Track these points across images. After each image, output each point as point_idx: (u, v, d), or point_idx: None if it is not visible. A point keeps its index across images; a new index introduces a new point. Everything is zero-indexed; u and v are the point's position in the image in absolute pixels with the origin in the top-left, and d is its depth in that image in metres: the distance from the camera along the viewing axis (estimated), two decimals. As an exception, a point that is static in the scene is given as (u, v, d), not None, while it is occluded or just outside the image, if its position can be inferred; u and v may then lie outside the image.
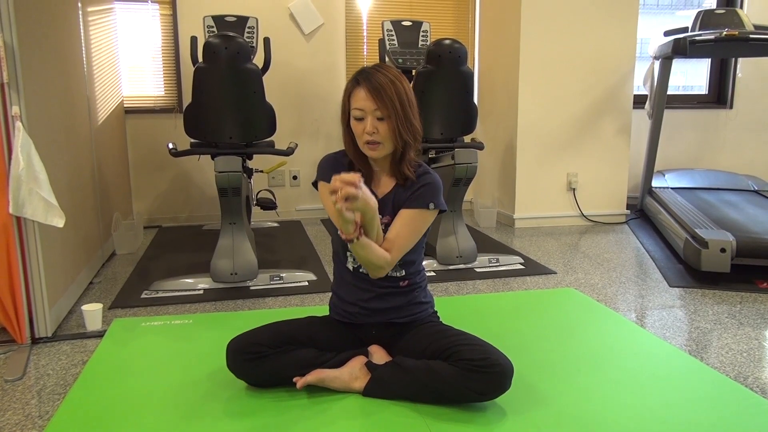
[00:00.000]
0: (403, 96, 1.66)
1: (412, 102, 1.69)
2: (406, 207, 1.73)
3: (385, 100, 1.63)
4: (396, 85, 1.65)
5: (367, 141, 1.67)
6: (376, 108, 1.64)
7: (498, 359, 1.59)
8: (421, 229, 1.76)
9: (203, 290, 2.79)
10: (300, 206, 4.56)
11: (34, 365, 2.01)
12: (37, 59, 2.30)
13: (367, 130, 1.65)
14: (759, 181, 4.53)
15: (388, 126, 1.65)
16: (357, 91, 1.66)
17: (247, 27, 3.70)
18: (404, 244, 1.72)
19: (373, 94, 1.63)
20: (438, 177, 1.78)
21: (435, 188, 1.75)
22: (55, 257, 2.36)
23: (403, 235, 1.71)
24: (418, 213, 1.72)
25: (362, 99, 1.65)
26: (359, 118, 1.67)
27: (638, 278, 2.99)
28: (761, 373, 1.92)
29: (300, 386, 1.69)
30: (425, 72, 2.96)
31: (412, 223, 1.72)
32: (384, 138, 1.67)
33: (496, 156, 4.44)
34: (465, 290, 2.81)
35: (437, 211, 1.75)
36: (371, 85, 1.63)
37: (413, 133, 1.70)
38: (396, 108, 1.64)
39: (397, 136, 1.66)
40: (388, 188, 1.77)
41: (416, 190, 1.73)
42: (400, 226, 1.72)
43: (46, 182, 2.07)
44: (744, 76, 4.99)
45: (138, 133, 4.21)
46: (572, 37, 4.07)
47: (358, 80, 1.67)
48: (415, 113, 1.69)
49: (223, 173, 2.71)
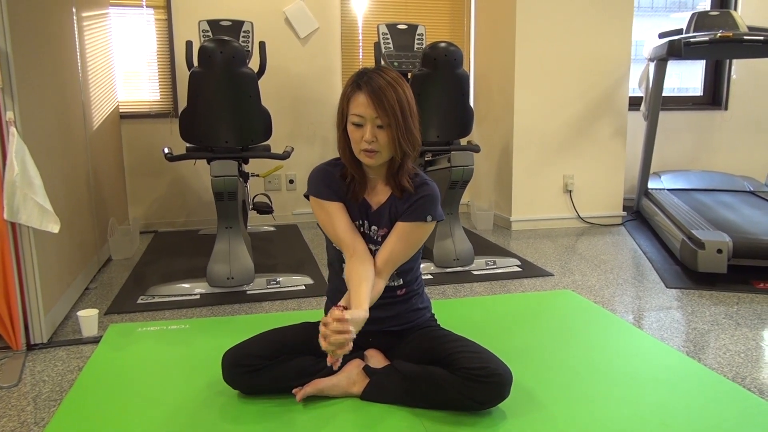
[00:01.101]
0: (405, 103, 1.60)
1: (413, 110, 1.63)
2: (402, 220, 1.70)
3: (386, 107, 1.56)
4: (397, 91, 1.59)
5: (365, 149, 1.62)
6: (377, 116, 1.58)
7: (497, 368, 1.57)
8: (417, 243, 1.73)
9: (200, 295, 2.78)
10: (296, 210, 4.55)
11: (30, 371, 2.00)
12: (31, 64, 2.29)
13: (366, 138, 1.59)
14: (754, 182, 4.55)
15: (387, 135, 1.59)
16: (357, 96, 1.60)
17: (243, 31, 3.70)
18: (399, 260, 1.71)
19: (374, 101, 1.57)
20: (436, 187, 1.74)
21: (433, 200, 1.71)
22: (50, 263, 2.35)
23: (398, 251, 1.69)
24: (415, 226, 1.69)
25: (362, 105, 1.58)
26: (358, 124, 1.60)
27: (635, 280, 2.99)
28: (759, 374, 1.92)
29: (299, 399, 1.68)
30: (421, 75, 2.97)
31: (408, 237, 1.70)
32: (382, 147, 1.61)
33: (493, 159, 4.44)
34: (462, 293, 2.80)
35: (435, 223, 1.73)
36: (372, 91, 1.57)
37: (413, 143, 1.64)
38: (397, 117, 1.58)
39: (397, 146, 1.60)
40: (383, 197, 1.73)
41: (414, 203, 1.69)
42: (395, 241, 1.69)
43: (41, 188, 2.06)
44: (738, 78, 5.01)
45: (133, 138, 4.20)
46: (568, 39, 4.08)
47: (359, 84, 1.60)
48: (415, 122, 1.64)
49: (219, 177, 2.71)
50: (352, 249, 1.68)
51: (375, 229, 1.73)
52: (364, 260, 1.67)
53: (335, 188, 1.72)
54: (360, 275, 1.63)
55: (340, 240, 1.71)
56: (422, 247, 1.82)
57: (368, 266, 1.66)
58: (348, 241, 1.69)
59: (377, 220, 1.72)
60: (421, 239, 1.74)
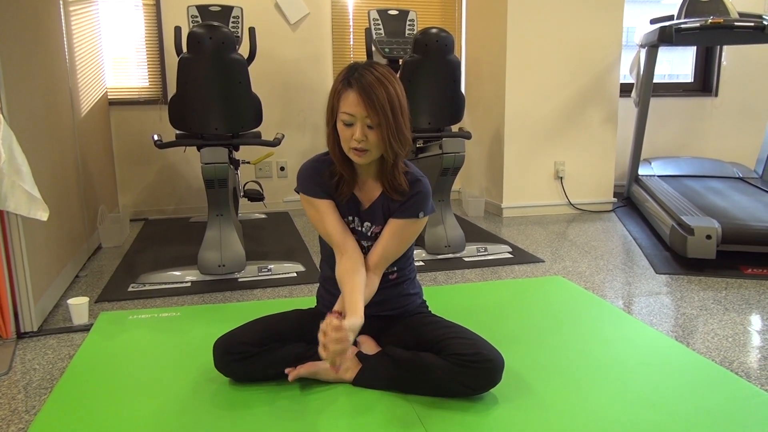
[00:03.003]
0: (395, 102, 1.57)
1: (404, 108, 1.60)
2: (395, 217, 1.71)
3: (376, 107, 1.53)
4: (388, 90, 1.56)
5: (355, 147, 1.59)
6: (367, 116, 1.55)
7: (489, 354, 1.58)
8: (410, 239, 1.75)
9: (191, 282, 2.77)
10: (287, 197, 4.54)
11: (20, 360, 1.99)
12: (17, 51, 2.26)
13: (356, 137, 1.56)
14: (744, 169, 4.57)
15: (377, 135, 1.57)
16: (347, 94, 1.56)
17: (232, 17, 3.66)
18: (392, 256, 1.73)
19: (364, 100, 1.54)
20: (428, 181, 1.74)
21: (425, 196, 1.71)
22: (39, 251, 2.34)
23: (391, 247, 1.71)
24: (409, 223, 1.70)
25: (353, 104, 1.55)
26: (348, 123, 1.58)
27: (625, 266, 3.01)
28: (746, 358, 1.94)
29: (292, 378, 1.68)
30: (412, 61, 2.95)
31: (401, 234, 1.71)
32: (372, 146, 1.59)
33: (484, 145, 4.44)
34: (454, 279, 2.81)
35: (426, 219, 1.74)
36: (363, 89, 1.54)
37: (403, 143, 1.62)
38: (387, 117, 1.55)
39: (387, 146, 1.59)
40: (374, 194, 1.72)
41: (407, 200, 1.70)
42: (389, 238, 1.70)
43: (29, 175, 2.04)
44: (729, 64, 5.02)
45: (123, 124, 4.16)
46: (559, 25, 4.07)
47: (349, 82, 1.57)
48: (406, 121, 1.62)
49: (209, 165, 2.69)
50: (342, 247, 1.69)
51: (368, 226, 1.73)
52: (355, 260, 1.67)
53: (324, 185, 1.71)
54: (353, 280, 1.63)
55: (330, 237, 1.71)
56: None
57: (360, 267, 1.67)
58: (338, 239, 1.69)
59: (371, 218, 1.73)
60: (414, 234, 1.75)
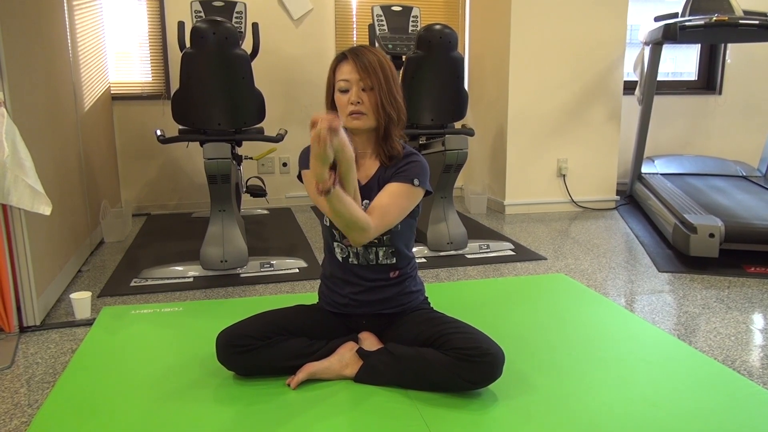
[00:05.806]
0: (388, 72, 1.68)
1: (396, 80, 1.71)
2: (391, 181, 1.71)
3: (369, 70, 1.65)
4: (379, 58, 1.68)
5: (351, 111, 1.67)
6: (361, 78, 1.65)
7: (489, 348, 1.58)
8: (404, 205, 1.70)
9: (193, 278, 2.78)
10: (290, 193, 4.54)
11: (23, 354, 2.00)
12: (20, 45, 2.26)
13: (352, 100, 1.66)
14: (747, 167, 4.56)
15: (372, 97, 1.66)
16: (343, 65, 1.68)
17: (236, 12, 3.65)
18: (386, 212, 1.66)
19: (357, 65, 1.65)
20: (425, 161, 1.76)
21: (421, 167, 1.73)
22: (42, 245, 2.34)
23: (386, 204, 1.66)
24: (403, 187, 1.69)
25: (347, 71, 1.67)
26: (344, 90, 1.67)
27: (628, 263, 3.01)
28: (748, 357, 1.94)
29: (294, 386, 1.68)
30: (415, 58, 2.94)
31: (396, 196, 1.68)
32: (368, 109, 1.67)
33: (487, 142, 4.43)
34: (456, 276, 2.81)
35: (423, 192, 1.72)
36: (356, 56, 1.66)
37: (397, 109, 1.70)
38: (380, 80, 1.65)
39: (381, 108, 1.66)
40: (372, 170, 1.75)
41: (402, 167, 1.71)
42: (383, 196, 1.68)
43: (31, 169, 2.04)
44: (733, 62, 5.00)
45: (125, 119, 4.16)
46: (563, 22, 4.06)
47: (345, 54, 1.70)
48: (398, 90, 1.71)
49: (212, 160, 2.69)
50: None
51: (366, 203, 1.72)
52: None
53: None
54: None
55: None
56: (415, 229, 1.82)
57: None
58: None
59: (368, 193, 1.73)
60: (408, 203, 1.70)
